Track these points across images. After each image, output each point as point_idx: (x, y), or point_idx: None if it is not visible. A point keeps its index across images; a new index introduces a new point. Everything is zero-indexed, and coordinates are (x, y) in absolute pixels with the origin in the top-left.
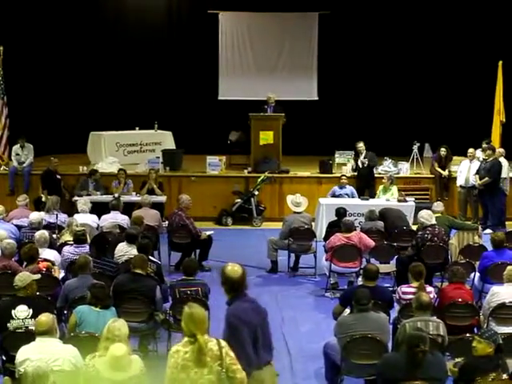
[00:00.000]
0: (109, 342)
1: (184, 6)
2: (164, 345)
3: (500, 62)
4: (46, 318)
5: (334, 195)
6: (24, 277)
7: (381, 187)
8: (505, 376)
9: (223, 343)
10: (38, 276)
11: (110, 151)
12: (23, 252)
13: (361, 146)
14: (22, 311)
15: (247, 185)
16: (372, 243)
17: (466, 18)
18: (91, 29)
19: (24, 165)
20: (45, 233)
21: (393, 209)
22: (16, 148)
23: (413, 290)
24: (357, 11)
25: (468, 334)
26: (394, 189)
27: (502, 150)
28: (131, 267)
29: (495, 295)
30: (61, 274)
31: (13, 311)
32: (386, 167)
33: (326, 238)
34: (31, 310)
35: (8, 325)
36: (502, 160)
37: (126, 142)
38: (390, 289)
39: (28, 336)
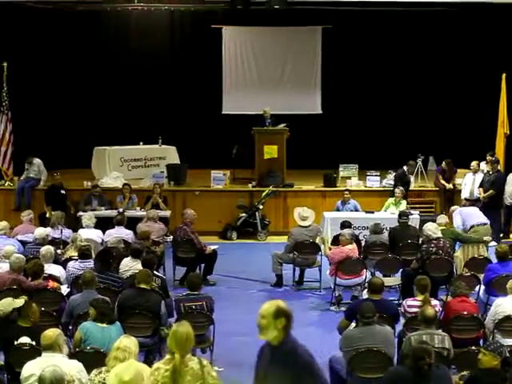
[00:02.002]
0: (120, 351)
1: (187, 21)
2: None
3: (503, 75)
4: (51, 332)
5: (337, 211)
6: (6, 305)
7: (391, 200)
8: None
9: (205, 362)
10: (22, 302)
11: (115, 166)
12: (28, 267)
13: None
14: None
15: (252, 199)
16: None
17: (470, 31)
18: (94, 44)
19: (42, 181)
20: (50, 248)
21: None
22: (26, 163)
23: (418, 303)
24: (360, 25)
25: (473, 347)
26: (404, 203)
27: None
28: (136, 282)
29: (499, 307)
30: (66, 290)
31: (15, 342)
32: (390, 180)
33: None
34: (34, 343)
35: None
36: None
37: (131, 157)
38: (395, 302)
39: (33, 352)
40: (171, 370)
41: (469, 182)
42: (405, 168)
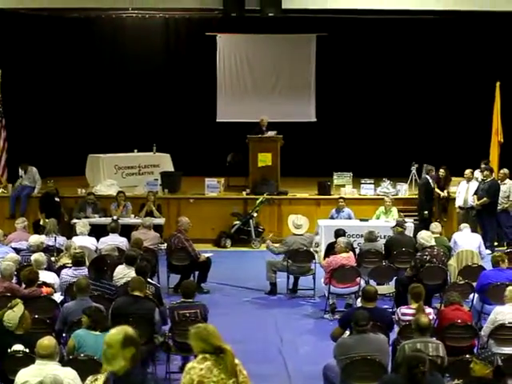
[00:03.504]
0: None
1: (182, 29)
2: (163, 368)
3: (498, 83)
4: (48, 341)
5: (331, 219)
6: (11, 317)
7: (381, 208)
8: None
9: (237, 361)
10: (21, 310)
11: (109, 174)
12: (23, 275)
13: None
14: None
15: (246, 206)
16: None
17: (464, 39)
18: (89, 51)
19: (36, 189)
20: (42, 254)
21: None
22: (20, 171)
23: (412, 311)
24: (354, 33)
25: (467, 355)
26: (395, 210)
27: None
28: (129, 290)
29: (499, 315)
30: (59, 297)
31: (9, 350)
32: (384, 188)
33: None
34: (28, 350)
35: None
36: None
37: (125, 165)
38: (390, 310)
39: (27, 359)
40: (206, 368)
41: (463, 191)
42: (427, 176)
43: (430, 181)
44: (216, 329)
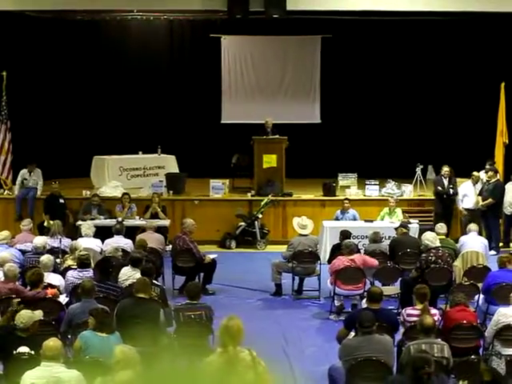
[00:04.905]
0: (122, 363)
1: (186, 30)
2: None
3: (502, 84)
4: (53, 343)
5: (336, 220)
6: (27, 317)
7: (385, 209)
8: None
9: (255, 353)
10: (40, 315)
11: (114, 175)
12: (28, 277)
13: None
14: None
15: (251, 208)
16: (376, 262)
17: (469, 40)
18: (94, 53)
19: (38, 191)
20: (49, 257)
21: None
22: (24, 173)
23: (417, 312)
24: (359, 35)
25: (473, 356)
26: (399, 211)
27: None
28: (134, 291)
29: (502, 316)
30: (65, 299)
31: (14, 352)
32: (389, 189)
33: (330, 261)
34: (33, 352)
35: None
36: None
37: (130, 166)
38: (395, 311)
39: (32, 361)
40: (225, 361)
41: (470, 193)
42: (439, 177)
43: (445, 181)
44: (240, 330)
